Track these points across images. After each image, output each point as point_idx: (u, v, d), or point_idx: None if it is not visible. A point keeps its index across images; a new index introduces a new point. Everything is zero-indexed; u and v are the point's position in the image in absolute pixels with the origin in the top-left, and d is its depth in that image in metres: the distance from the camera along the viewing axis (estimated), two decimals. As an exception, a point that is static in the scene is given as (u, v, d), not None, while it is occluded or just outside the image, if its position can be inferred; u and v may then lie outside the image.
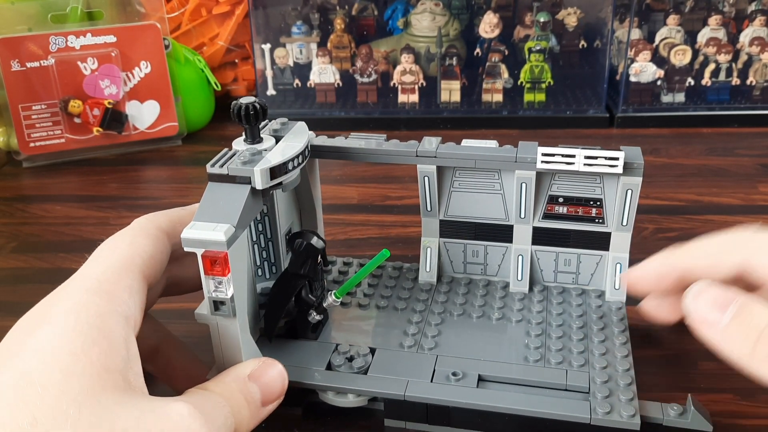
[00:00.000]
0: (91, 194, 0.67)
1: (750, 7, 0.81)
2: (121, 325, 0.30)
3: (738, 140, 0.75)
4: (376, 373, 0.36)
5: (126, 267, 0.32)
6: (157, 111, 0.77)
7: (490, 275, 0.45)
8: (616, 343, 0.38)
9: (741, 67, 0.79)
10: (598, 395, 0.34)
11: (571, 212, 0.42)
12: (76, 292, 0.31)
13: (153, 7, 0.76)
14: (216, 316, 0.33)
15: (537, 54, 0.79)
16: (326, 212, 0.61)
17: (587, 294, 0.43)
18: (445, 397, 0.35)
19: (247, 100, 0.36)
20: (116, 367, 0.28)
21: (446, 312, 0.42)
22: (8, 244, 0.58)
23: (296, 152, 0.36)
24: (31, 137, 0.72)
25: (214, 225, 0.32)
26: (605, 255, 0.43)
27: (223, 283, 0.32)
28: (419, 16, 0.83)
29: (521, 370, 0.37)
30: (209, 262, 0.32)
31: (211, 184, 0.34)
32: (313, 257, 0.38)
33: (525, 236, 0.43)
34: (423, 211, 0.44)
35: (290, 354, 0.38)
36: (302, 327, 0.39)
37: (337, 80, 0.83)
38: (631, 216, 0.41)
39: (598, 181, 0.41)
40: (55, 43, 0.71)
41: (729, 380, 0.39)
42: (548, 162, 0.40)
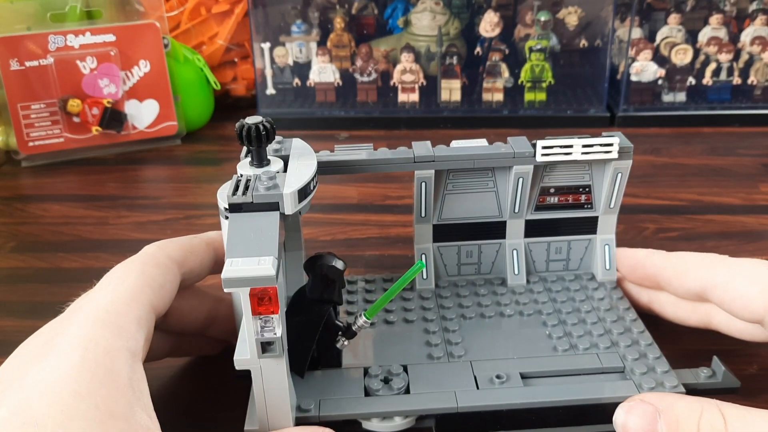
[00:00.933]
0: (90, 194, 0.67)
1: (751, 6, 0.81)
2: (129, 363, 0.29)
3: (739, 140, 0.75)
4: (418, 390, 0.35)
5: (136, 297, 0.31)
6: (157, 110, 0.76)
7: (485, 273, 0.45)
8: (628, 320, 0.40)
9: (742, 66, 0.79)
10: (636, 372, 0.35)
11: (562, 201, 0.43)
12: (84, 323, 0.30)
13: (152, 6, 0.76)
14: (263, 359, 0.31)
15: (538, 53, 0.79)
16: (326, 212, 0.61)
17: (579, 278, 0.44)
18: (498, 402, 0.34)
19: (254, 120, 0.34)
20: (121, 413, 0.27)
21: (459, 317, 0.41)
22: (7, 243, 0.58)
23: (314, 171, 0.34)
24: (30, 136, 0.72)
25: (256, 259, 0.29)
26: (593, 238, 0.44)
27: (271, 321, 0.30)
28: (419, 15, 0.83)
29: (556, 362, 0.37)
30: (256, 300, 0.29)
31: (233, 216, 0.32)
32: (338, 280, 0.35)
33: (518, 230, 0.44)
34: (417, 218, 0.43)
35: (321, 386, 0.36)
36: (326, 356, 0.37)
37: (336, 79, 0.82)
38: (618, 198, 0.42)
39: (587, 168, 0.42)
40: (54, 42, 0.71)
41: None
42: (548, 154, 0.40)
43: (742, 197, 0.62)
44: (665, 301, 0.42)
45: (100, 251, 0.54)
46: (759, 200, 0.61)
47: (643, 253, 0.42)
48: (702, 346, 0.41)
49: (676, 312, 0.41)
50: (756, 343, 0.39)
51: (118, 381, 0.28)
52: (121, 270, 0.33)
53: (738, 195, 0.62)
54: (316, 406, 0.34)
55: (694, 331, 0.41)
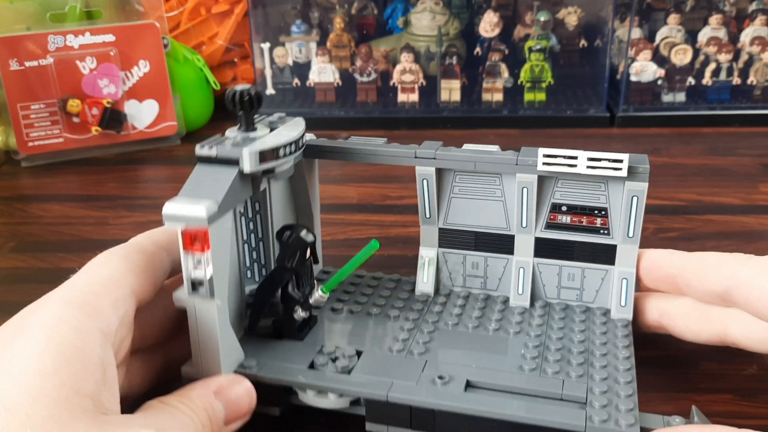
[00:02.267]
0: (90, 194, 0.67)
1: (751, 6, 0.81)
2: (99, 343, 0.28)
3: (739, 140, 0.75)
4: (359, 373, 0.35)
5: (114, 280, 0.31)
6: (156, 110, 0.76)
7: (490, 289, 0.43)
8: (619, 357, 0.36)
9: (742, 66, 0.79)
10: (595, 404, 0.32)
11: (575, 222, 0.41)
12: (55, 303, 0.29)
13: (152, 6, 0.76)
14: (193, 297, 0.32)
15: (537, 53, 0.79)
16: (326, 212, 0.61)
17: (591, 312, 0.41)
18: (430, 400, 0.33)
19: (242, 87, 0.36)
20: (88, 390, 0.27)
21: (440, 321, 0.40)
22: (7, 243, 0.58)
23: (289, 139, 0.35)
24: (30, 137, 0.72)
25: (196, 201, 0.31)
26: (611, 270, 0.41)
27: (202, 262, 0.31)
28: (419, 15, 0.83)
29: (514, 378, 0.35)
30: (189, 238, 0.31)
31: (199, 166, 0.34)
32: (302, 250, 0.37)
33: (527, 247, 0.42)
34: (422, 218, 0.43)
35: (273, 351, 0.36)
36: (288, 326, 0.38)
37: (336, 79, 0.82)
38: (637, 227, 0.39)
39: (602, 189, 0.40)
40: (53, 42, 0.71)
41: (729, 381, 0.39)
42: (550, 164, 0.38)
43: (741, 197, 0.62)
44: (676, 313, 0.39)
45: (100, 251, 0.54)
46: (759, 200, 0.61)
47: (661, 253, 0.39)
48: (698, 346, 0.41)
49: (687, 325, 0.39)
50: None
51: (86, 360, 0.27)
52: (104, 255, 0.33)
53: (738, 195, 0.62)
54: (257, 366, 0.35)
55: None
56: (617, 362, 0.36)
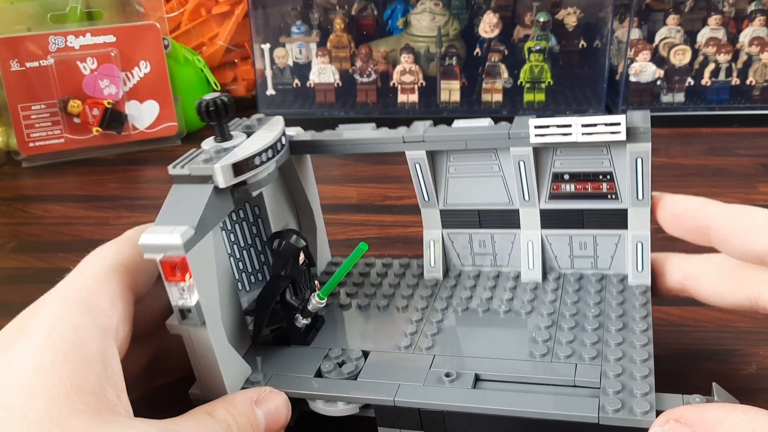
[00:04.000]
0: (91, 194, 0.67)
1: (750, 7, 0.81)
2: (99, 338, 0.28)
3: (738, 140, 0.75)
4: (366, 377, 0.34)
5: (109, 275, 0.31)
6: (157, 111, 0.77)
7: (501, 265, 0.42)
8: (636, 331, 0.35)
9: (741, 67, 0.79)
10: (609, 390, 0.31)
11: (580, 189, 0.39)
12: (52, 302, 0.29)
13: (152, 7, 0.76)
14: (184, 325, 0.31)
15: (537, 54, 0.79)
16: (326, 212, 0.61)
17: (608, 279, 0.39)
18: (438, 401, 0.32)
19: (211, 96, 0.34)
20: (89, 387, 0.26)
21: (449, 308, 0.39)
22: (8, 243, 0.58)
23: (263, 146, 0.34)
24: (31, 137, 0.72)
25: (172, 228, 0.30)
26: (624, 234, 0.39)
27: (185, 290, 0.31)
28: (419, 16, 0.83)
29: (524, 367, 0.33)
30: (169, 268, 0.30)
31: (174, 187, 0.33)
32: (294, 257, 0.36)
33: (533, 220, 0.40)
34: (420, 201, 0.41)
35: (280, 362, 0.36)
36: (292, 333, 0.37)
37: (336, 80, 0.83)
38: (646, 189, 0.37)
39: (605, 152, 0.37)
40: (54, 43, 0.71)
41: (729, 380, 0.39)
42: (542, 135, 0.36)
43: (740, 197, 0.62)
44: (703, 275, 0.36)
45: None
46: (758, 200, 0.61)
47: (696, 201, 0.36)
48: (699, 346, 0.41)
49: (715, 288, 0.36)
50: (755, 343, 0.38)
51: (86, 356, 0.27)
52: (98, 251, 0.32)
53: (737, 195, 0.62)
54: (264, 380, 0.34)
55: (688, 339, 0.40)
56: (633, 337, 0.34)
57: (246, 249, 0.40)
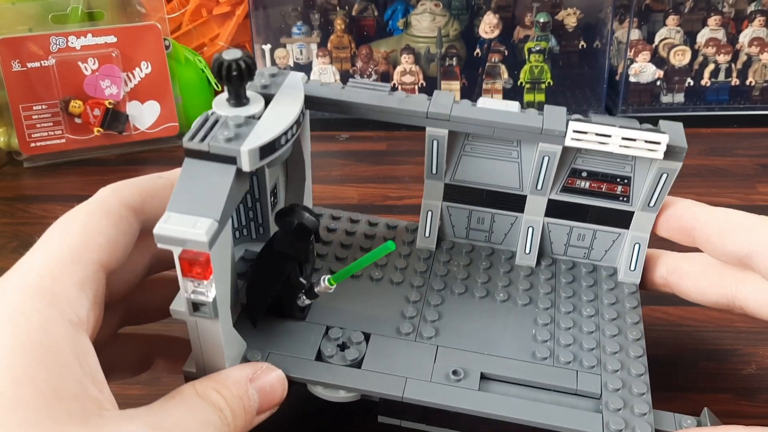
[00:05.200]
0: (92, 194, 0.67)
1: (749, 7, 0.81)
2: (70, 335, 0.25)
3: (737, 140, 0.75)
4: (370, 366, 0.33)
5: (75, 257, 0.27)
6: (158, 111, 0.77)
7: (495, 243, 0.41)
8: (630, 339, 0.36)
9: (740, 67, 0.79)
10: (611, 406, 0.32)
11: (594, 188, 0.39)
12: (12, 294, 0.26)
13: (153, 8, 0.76)
14: (195, 316, 0.29)
15: (537, 54, 0.80)
16: (327, 212, 0.61)
17: (598, 271, 0.40)
18: (446, 402, 0.32)
19: (231, 55, 0.30)
20: (69, 391, 0.24)
21: (447, 289, 0.38)
22: (9, 243, 0.58)
23: (290, 123, 0.31)
24: (32, 137, 0.73)
25: (194, 219, 0.27)
26: (624, 233, 0.40)
27: (203, 285, 0.28)
28: (419, 17, 0.83)
29: (528, 369, 0.34)
30: (187, 264, 0.27)
31: (188, 161, 0.29)
32: (306, 238, 0.33)
33: (538, 208, 0.40)
34: (427, 173, 0.40)
35: (276, 338, 0.34)
36: (289, 307, 0.35)
37: (337, 80, 0.83)
38: (660, 199, 0.38)
39: (629, 159, 0.38)
40: (55, 43, 0.71)
41: (728, 380, 0.40)
42: (579, 140, 0.36)
43: (740, 198, 0.62)
44: (687, 272, 0.38)
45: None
46: (757, 200, 0.61)
47: (684, 203, 0.37)
48: (699, 345, 0.41)
49: (696, 285, 0.37)
50: (754, 343, 0.39)
51: (59, 358, 0.25)
52: (61, 225, 0.29)
53: (736, 195, 0.62)
54: (263, 360, 0.33)
55: (686, 339, 0.40)
56: (629, 346, 0.35)
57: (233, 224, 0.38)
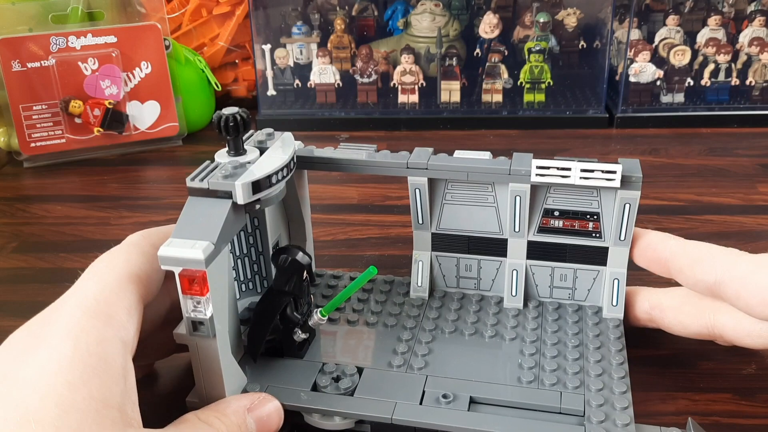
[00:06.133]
0: (92, 194, 0.67)
1: (749, 7, 0.81)
2: (121, 353, 0.29)
3: (737, 140, 0.75)
4: (363, 394, 0.35)
5: (123, 286, 0.31)
6: (158, 111, 0.77)
7: (484, 290, 0.44)
8: (613, 363, 0.37)
9: (740, 67, 0.79)
10: (593, 420, 0.33)
11: (567, 226, 0.41)
12: (73, 312, 0.29)
13: (153, 8, 0.76)
14: (195, 336, 0.32)
15: (537, 54, 0.80)
16: (327, 212, 0.61)
17: (584, 310, 0.42)
18: (435, 421, 0.33)
19: (230, 111, 0.35)
20: (114, 402, 0.27)
21: (438, 329, 0.41)
22: (9, 244, 0.58)
23: (280, 165, 0.35)
24: (32, 137, 0.73)
25: (192, 242, 0.31)
26: (602, 270, 0.42)
27: (201, 303, 0.31)
28: (419, 17, 0.83)
29: (514, 392, 0.36)
30: (187, 282, 0.31)
31: (191, 199, 0.33)
32: (299, 273, 0.37)
33: (520, 250, 0.42)
34: (414, 223, 0.43)
35: (275, 374, 0.37)
36: (288, 345, 0.38)
37: (337, 80, 0.83)
38: (629, 231, 0.40)
39: (594, 195, 0.40)
40: (55, 43, 0.71)
41: (728, 380, 0.40)
42: (543, 175, 0.39)
43: (740, 197, 0.62)
44: (667, 306, 0.40)
45: (102, 251, 0.54)
46: (757, 200, 0.61)
47: (659, 236, 0.39)
48: (698, 345, 0.41)
49: (677, 318, 0.39)
50: None
51: (111, 371, 0.28)
52: (107, 259, 0.33)
53: (736, 195, 0.62)
54: (261, 391, 0.35)
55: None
56: (612, 369, 0.37)
57: (241, 258, 0.41)
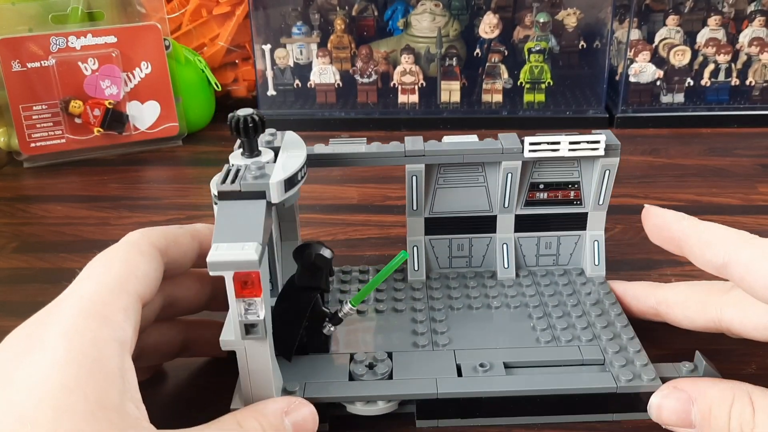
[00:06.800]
0: (92, 194, 0.67)
1: (749, 7, 0.81)
2: (118, 353, 0.28)
3: (737, 140, 0.75)
4: (401, 376, 0.36)
5: (121, 286, 0.31)
6: (158, 111, 0.77)
7: (475, 266, 0.46)
8: (612, 315, 0.41)
9: (740, 67, 0.79)
10: (615, 364, 0.36)
11: (552, 197, 0.44)
12: (69, 313, 0.29)
13: (153, 8, 0.76)
14: (247, 340, 0.32)
15: (537, 54, 0.80)
16: (327, 212, 0.61)
17: (569, 273, 0.45)
18: (478, 389, 0.35)
19: (245, 112, 0.35)
20: (112, 403, 0.27)
21: (447, 307, 0.42)
22: (9, 244, 0.58)
23: (302, 162, 0.36)
24: (32, 137, 0.73)
25: (240, 245, 0.30)
26: (583, 234, 0.45)
27: (254, 305, 0.31)
28: (419, 17, 0.83)
29: (539, 353, 0.38)
30: (240, 284, 0.31)
31: (222, 203, 0.33)
32: (325, 268, 0.37)
33: (508, 225, 0.45)
34: (409, 210, 0.45)
35: (307, 371, 0.37)
36: (313, 341, 0.38)
37: (337, 81, 0.83)
38: (607, 195, 0.44)
39: (575, 165, 0.44)
40: (55, 43, 0.71)
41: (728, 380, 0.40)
42: (535, 150, 0.42)
43: (740, 198, 0.62)
44: (674, 301, 0.41)
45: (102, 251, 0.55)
46: (757, 200, 0.61)
47: (673, 215, 0.39)
48: (697, 345, 0.41)
49: (684, 312, 0.40)
50: (754, 343, 0.39)
51: (107, 372, 0.27)
52: (105, 258, 0.32)
53: (736, 195, 0.62)
54: (301, 389, 0.35)
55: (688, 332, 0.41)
56: (614, 320, 0.40)
57: None
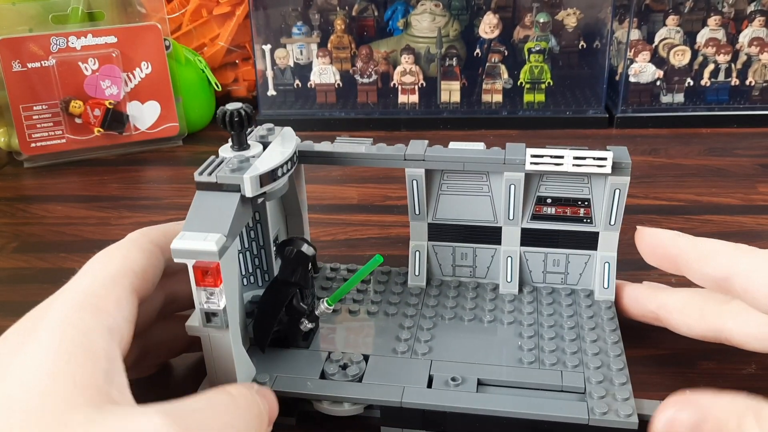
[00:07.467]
0: (92, 194, 0.67)
1: (749, 7, 0.81)
2: (105, 338, 0.29)
3: (737, 140, 0.75)
4: (370, 380, 0.36)
5: (115, 280, 0.32)
6: (158, 111, 0.77)
7: (479, 277, 0.45)
8: (608, 342, 0.38)
9: (740, 67, 0.79)
10: (594, 395, 0.34)
11: (560, 213, 0.43)
12: (62, 307, 0.30)
13: (154, 8, 0.76)
14: (208, 328, 0.33)
15: (536, 54, 0.80)
16: (327, 212, 0.61)
17: (576, 294, 0.43)
18: (443, 403, 0.34)
19: (233, 106, 0.36)
20: (95, 383, 0.27)
21: (438, 316, 0.42)
22: (9, 244, 0.58)
23: (285, 158, 0.36)
24: (32, 137, 0.73)
25: (204, 235, 0.32)
26: (593, 254, 0.43)
27: (215, 294, 0.32)
28: (419, 17, 0.83)
29: (517, 373, 0.37)
30: (200, 273, 0.32)
31: (199, 193, 0.34)
32: (304, 264, 0.37)
33: (514, 238, 0.44)
34: (411, 214, 0.44)
35: (282, 363, 0.37)
36: (293, 336, 0.38)
37: (337, 81, 0.83)
38: (618, 215, 0.41)
39: (585, 181, 0.42)
40: (56, 43, 0.72)
41: (728, 380, 0.40)
42: (537, 163, 0.40)
43: (740, 197, 0.62)
44: (674, 306, 0.40)
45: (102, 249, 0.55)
46: (757, 200, 0.61)
47: (668, 234, 0.40)
48: (698, 345, 0.41)
49: (683, 319, 0.40)
50: None
51: (94, 357, 0.28)
52: (103, 256, 0.33)
53: (736, 195, 0.62)
54: (270, 381, 0.36)
55: None
56: (608, 348, 0.38)
57: (243, 252, 0.41)
